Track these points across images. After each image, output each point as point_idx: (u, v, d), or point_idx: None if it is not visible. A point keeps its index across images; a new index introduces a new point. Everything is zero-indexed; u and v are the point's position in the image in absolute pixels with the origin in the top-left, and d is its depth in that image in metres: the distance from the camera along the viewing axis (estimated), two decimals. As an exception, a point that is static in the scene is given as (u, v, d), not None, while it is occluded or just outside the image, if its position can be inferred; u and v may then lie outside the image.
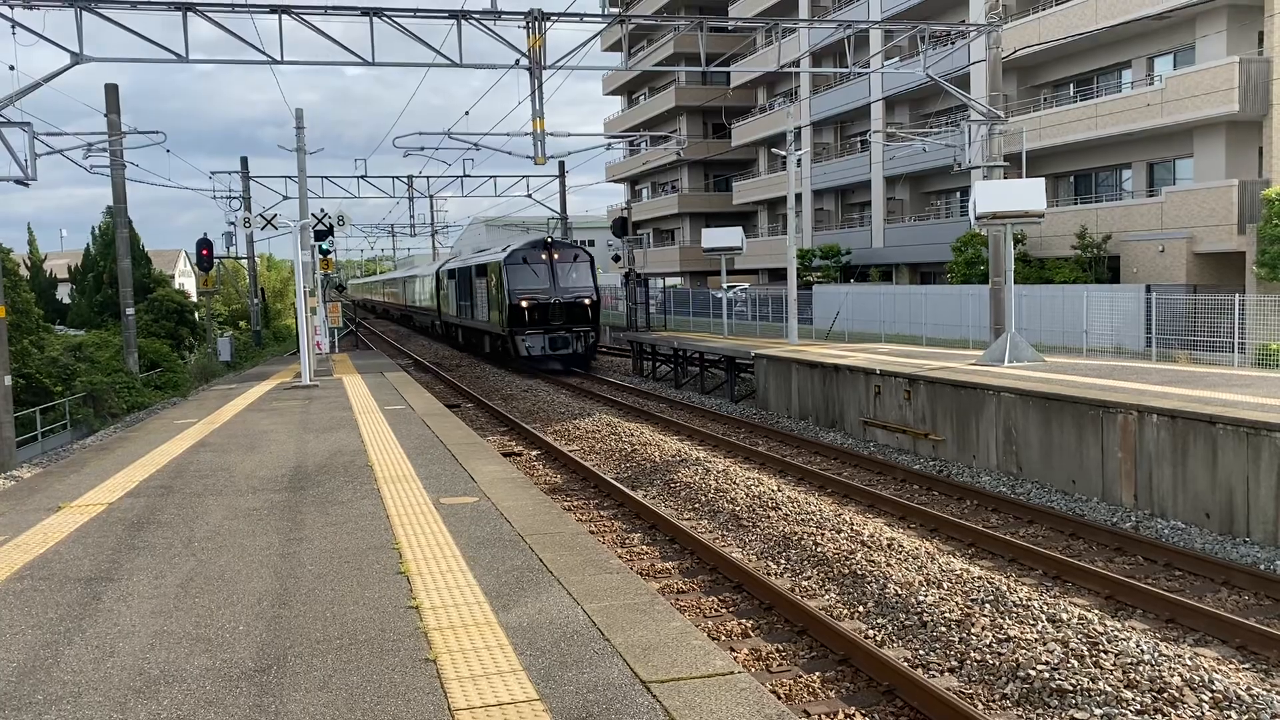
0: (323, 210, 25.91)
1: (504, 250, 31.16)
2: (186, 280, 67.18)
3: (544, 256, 29.76)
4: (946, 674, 7.36)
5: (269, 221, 21.98)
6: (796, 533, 10.82)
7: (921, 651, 7.76)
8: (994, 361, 17.56)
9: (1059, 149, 32.53)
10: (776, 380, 21.30)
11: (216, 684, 4.97)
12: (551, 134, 23.83)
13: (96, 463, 11.90)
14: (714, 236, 29.33)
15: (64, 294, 44.87)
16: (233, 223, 38.74)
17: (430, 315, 49.11)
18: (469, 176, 37.17)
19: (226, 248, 40.83)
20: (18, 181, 19.30)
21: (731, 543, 11.12)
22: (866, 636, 8.09)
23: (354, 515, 8.52)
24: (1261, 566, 9.81)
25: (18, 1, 16.71)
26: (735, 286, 38.44)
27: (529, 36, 18.55)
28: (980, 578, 8.84)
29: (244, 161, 39.54)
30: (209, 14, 17.31)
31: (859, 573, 9.37)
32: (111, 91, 28.09)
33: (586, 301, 29.80)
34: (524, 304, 29.08)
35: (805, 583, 9.55)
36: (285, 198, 36.95)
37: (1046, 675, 6.91)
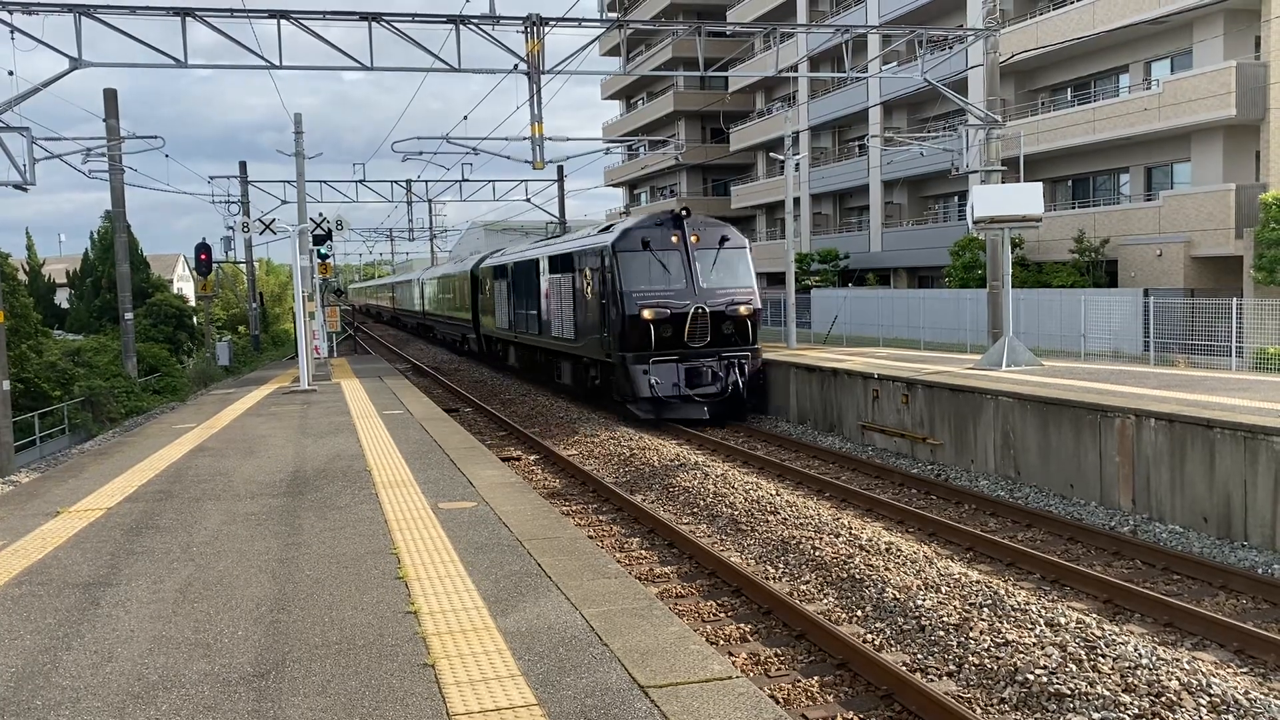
0: (321, 214, 25.93)
1: (609, 229, 21.57)
2: (185, 285, 67.21)
3: (675, 239, 20.18)
4: (945, 678, 7.37)
5: (267, 226, 22.00)
6: (795, 537, 10.82)
7: (920, 655, 7.76)
8: (992, 365, 17.58)
9: (1057, 153, 32.60)
10: (775, 384, 21.31)
11: (215, 689, 4.98)
12: (550, 138, 23.89)
13: (95, 467, 11.90)
14: (712, 241, 29.25)
15: (62, 299, 44.88)
16: (231, 227, 38.78)
17: (460, 327, 38.21)
18: (468, 181, 37.19)
19: (225, 252, 40.83)
20: (16, 186, 19.33)
21: (730, 547, 11.13)
22: (865, 640, 8.10)
23: (352, 520, 8.53)
24: (1259, 570, 9.82)
25: (17, 6, 16.74)
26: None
27: (527, 41, 18.58)
28: (978, 581, 8.84)
29: (242, 166, 39.59)
30: (208, 19, 17.33)
31: (857, 577, 9.37)
32: (110, 96, 28.11)
33: (743, 310, 20.03)
34: (646, 314, 19.32)
35: (804, 587, 9.55)
36: (284, 202, 36.93)
37: (1044, 679, 6.91)
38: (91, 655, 5.51)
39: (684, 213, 20.65)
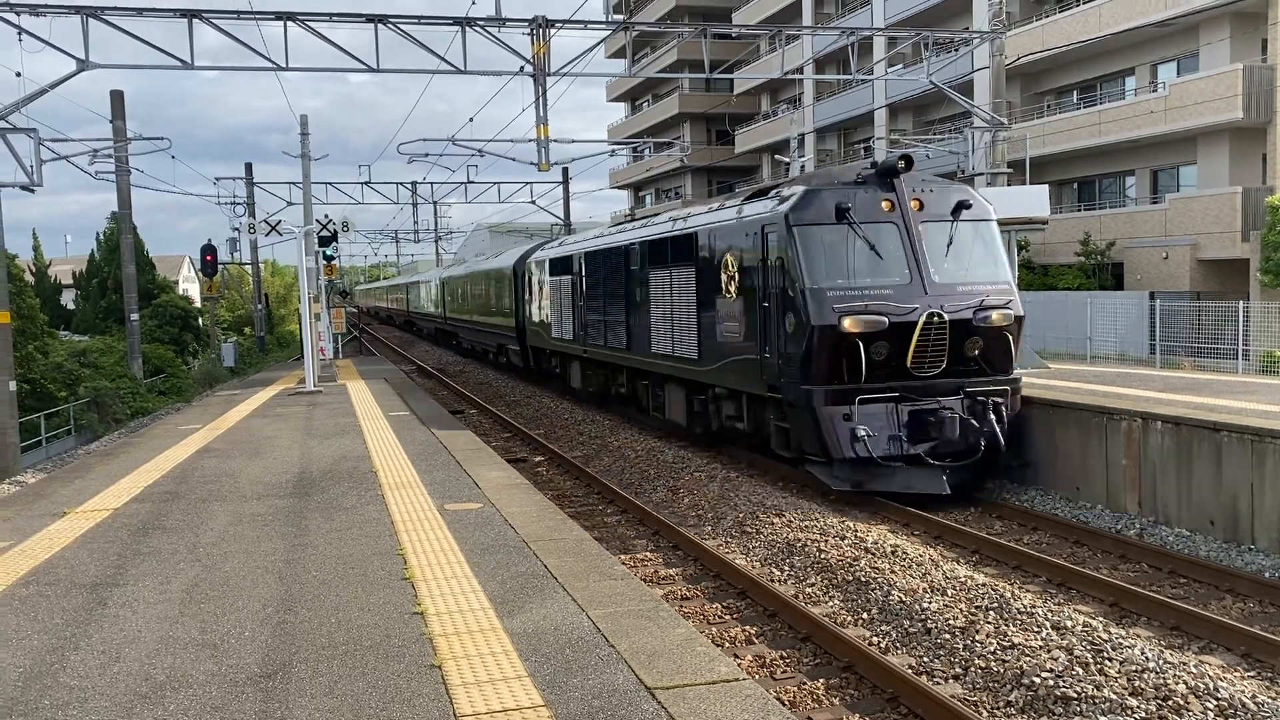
0: (327, 216, 25.97)
1: (770, 195, 13.89)
2: (191, 286, 67.34)
3: (886, 206, 12.91)
4: (951, 681, 7.35)
5: (273, 227, 22.05)
6: (800, 539, 10.81)
7: (925, 659, 7.75)
8: (998, 368, 17.52)
9: (1063, 156, 32.55)
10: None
11: (222, 689, 4.99)
12: (555, 140, 23.89)
13: (101, 468, 11.92)
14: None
15: (69, 300, 45.04)
16: (237, 229, 38.86)
17: (497, 336, 31.55)
18: (473, 183, 37.33)
19: (231, 254, 40.92)
20: (24, 188, 19.42)
21: (735, 549, 11.12)
22: (870, 643, 8.08)
23: (358, 521, 8.54)
24: (1266, 574, 9.79)
25: (25, 8, 16.80)
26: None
27: (533, 43, 18.62)
28: (984, 585, 8.83)
29: (248, 168, 39.66)
30: (214, 21, 17.39)
31: (863, 580, 9.36)
32: (117, 98, 28.19)
33: (997, 318, 12.81)
34: (849, 325, 12.23)
35: (809, 590, 9.54)
36: (289, 204, 37.07)
37: (1051, 683, 6.90)
38: (99, 655, 5.52)
39: (901, 165, 13.03)
